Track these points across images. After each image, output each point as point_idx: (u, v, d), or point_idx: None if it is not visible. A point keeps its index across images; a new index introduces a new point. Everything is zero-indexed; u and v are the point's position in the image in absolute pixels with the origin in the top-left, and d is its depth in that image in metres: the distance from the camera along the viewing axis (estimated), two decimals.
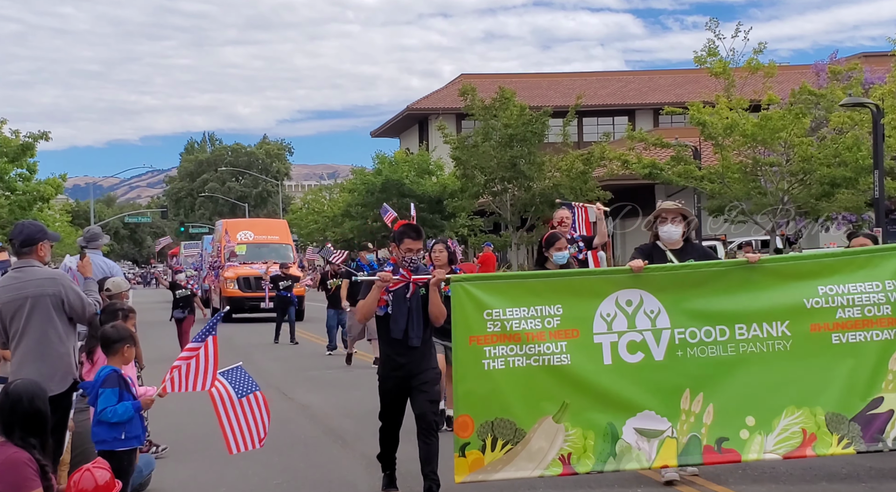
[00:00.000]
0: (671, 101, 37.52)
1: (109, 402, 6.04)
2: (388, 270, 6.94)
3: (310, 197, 67.36)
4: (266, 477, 8.02)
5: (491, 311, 6.72)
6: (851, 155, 24.65)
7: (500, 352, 6.68)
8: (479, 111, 34.93)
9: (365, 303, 6.92)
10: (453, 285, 6.66)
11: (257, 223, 37.84)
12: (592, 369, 6.81)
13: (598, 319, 6.89)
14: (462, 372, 6.70)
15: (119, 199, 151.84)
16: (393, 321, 6.86)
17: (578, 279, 7.15)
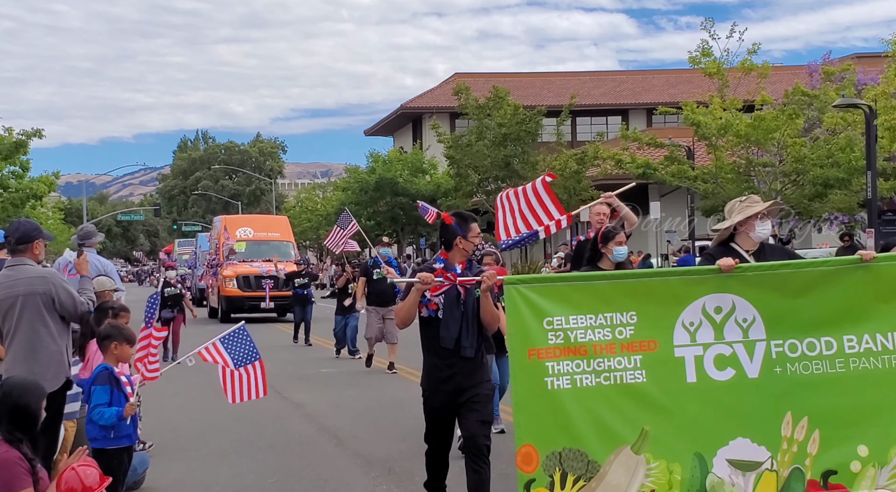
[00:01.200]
0: (665, 102, 37.60)
1: (100, 400, 6.06)
2: (439, 268, 6.05)
3: (303, 195, 67.31)
4: (261, 475, 8.03)
5: (552, 319, 5.66)
6: (844, 156, 24.74)
7: (564, 368, 5.61)
8: (473, 110, 34.96)
9: (403, 307, 6.04)
10: (507, 289, 5.62)
11: (257, 219, 36.11)
12: (673, 389, 5.76)
13: (680, 328, 5.83)
14: (522, 392, 5.59)
15: (112, 196, 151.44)
16: (444, 327, 6.01)
17: (657, 281, 5.98)
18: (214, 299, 29.76)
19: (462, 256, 6.12)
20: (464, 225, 6.13)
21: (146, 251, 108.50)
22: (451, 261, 6.12)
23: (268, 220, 36.48)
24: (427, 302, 6.01)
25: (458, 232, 6.11)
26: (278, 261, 26.31)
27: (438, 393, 6.12)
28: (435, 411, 6.20)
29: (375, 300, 14.98)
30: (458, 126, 44.20)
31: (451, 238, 6.11)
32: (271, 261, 27.66)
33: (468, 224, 6.14)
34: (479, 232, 6.13)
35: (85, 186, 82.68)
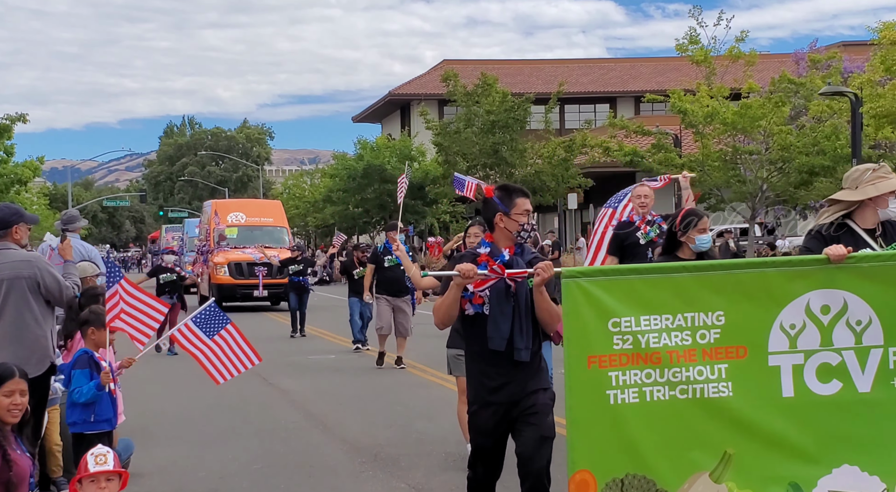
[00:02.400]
0: (652, 89, 37.62)
1: (79, 383, 6.07)
2: (484, 254, 4.98)
3: (291, 182, 67.13)
4: (246, 462, 8.03)
5: (619, 320, 4.68)
6: (830, 144, 24.83)
7: (632, 379, 4.68)
8: (462, 97, 34.92)
9: (442, 304, 4.97)
10: (565, 283, 4.68)
11: (249, 204, 34.67)
12: (766, 405, 4.79)
13: (777, 332, 4.81)
14: (578, 408, 4.66)
15: (97, 182, 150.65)
16: (493, 326, 4.93)
17: (750, 274, 4.87)
18: (205, 287, 28.58)
19: (508, 239, 5.01)
20: (507, 199, 5.01)
21: (132, 237, 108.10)
22: (497, 244, 5.03)
23: (260, 204, 34.82)
24: (471, 296, 4.93)
25: (499, 208, 5.00)
26: (264, 248, 24.89)
27: (488, 407, 5.01)
28: (484, 431, 5.05)
29: (386, 289, 13.92)
30: (447, 113, 44.15)
31: (490, 216, 5.05)
32: (269, 248, 26.25)
33: (513, 198, 5.01)
34: (527, 208, 5.00)
35: (70, 171, 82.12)
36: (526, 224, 5.01)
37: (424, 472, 7.51)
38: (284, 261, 20.54)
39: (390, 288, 13.83)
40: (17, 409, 4.97)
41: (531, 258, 5.03)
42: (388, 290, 13.86)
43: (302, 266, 19.62)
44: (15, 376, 5.01)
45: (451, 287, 4.89)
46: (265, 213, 30.96)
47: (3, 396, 4.94)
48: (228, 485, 7.26)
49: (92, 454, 4.37)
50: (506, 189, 5.10)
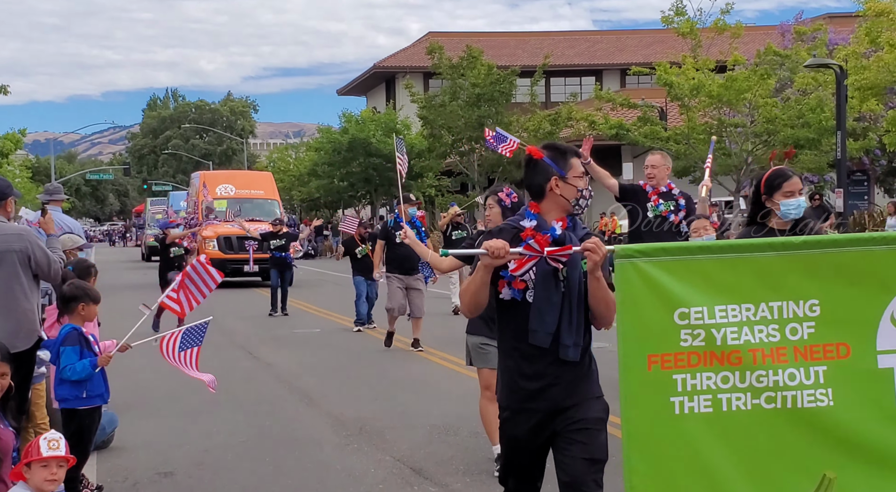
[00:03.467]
0: (638, 62, 37.51)
1: (70, 360, 6.02)
2: (529, 228, 4.02)
3: (275, 156, 66.78)
4: (231, 435, 8.03)
5: (688, 310, 3.83)
6: (815, 116, 24.87)
7: (704, 383, 3.83)
8: (447, 70, 34.76)
9: (468, 289, 4.03)
10: (620, 265, 3.84)
11: (239, 175, 33.28)
12: (876, 417, 3.92)
13: (888, 325, 3.95)
14: (637, 419, 3.81)
15: (80, 155, 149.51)
16: (537, 317, 3.97)
17: (853, 253, 3.94)
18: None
19: (561, 209, 4.04)
20: (560, 160, 4.07)
21: (116, 211, 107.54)
22: (546, 216, 4.05)
23: (250, 176, 33.79)
24: (510, 278, 3.99)
25: (553, 170, 4.04)
26: (244, 221, 23.75)
27: (524, 413, 4.05)
28: (518, 442, 4.11)
29: (398, 267, 12.90)
30: (432, 86, 43.94)
31: (541, 181, 4.07)
32: (253, 221, 25.45)
33: (567, 158, 4.08)
34: (583, 171, 4.11)
35: (52, 144, 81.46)
36: (585, 190, 4.06)
37: (409, 445, 7.53)
38: (265, 235, 19.32)
39: (402, 266, 12.80)
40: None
41: (584, 235, 4.03)
42: (400, 268, 12.84)
43: (284, 241, 18.51)
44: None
45: (479, 269, 3.93)
46: (255, 185, 30.06)
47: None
48: (213, 458, 7.26)
49: (45, 439, 4.31)
50: (556, 148, 4.16)
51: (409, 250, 12.42)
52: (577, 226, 4.12)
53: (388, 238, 13.02)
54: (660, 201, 8.44)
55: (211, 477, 6.73)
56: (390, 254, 12.96)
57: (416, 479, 6.59)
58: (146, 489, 6.46)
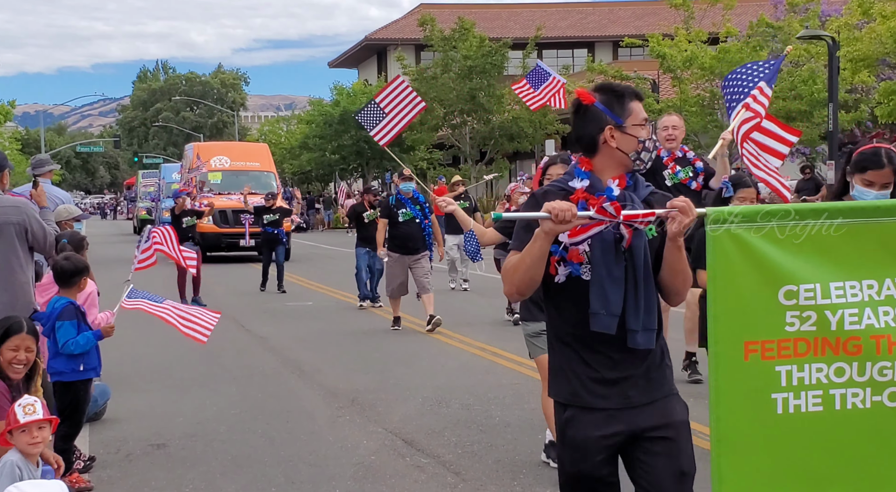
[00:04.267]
0: (631, 34, 37.37)
1: (69, 335, 6.03)
2: (580, 189, 3.31)
3: (266, 128, 66.49)
4: (223, 407, 8.07)
5: (796, 287, 3.21)
6: (807, 88, 24.85)
7: (814, 377, 3.23)
8: (439, 42, 34.63)
9: (520, 263, 3.24)
10: (713, 231, 3.19)
11: (234, 147, 32.40)
12: None
13: None
14: (730, 420, 3.21)
15: (70, 127, 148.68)
16: (598, 297, 3.26)
17: None
18: None
19: (618, 166, 3.33)
20: (616, 104, 3.33)
21: (106, 183, 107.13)
22: (600, 174, 3.33)
23: (246, 147, 32.87)
24: (563, 252, 3.27)
25: (608, 118, 3.31)
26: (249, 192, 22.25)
27: (589, 417, 3.32)
28: (582, 452, 3.34)
29: (400, 246, 12.22)
30: (424, 58, 43.73)
31: (593, 131, 3.33)
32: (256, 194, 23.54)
33: (625, 102, 3.33)
34: (645, 118, 3.35)
35: (42, 116, 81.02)
36: (648, 140, 3.33)
37: (401, 417, 7.57)
38: (257, 209, 18.35)
39: (405, 245, 12.21)
40: (21, 364, 4.99)
41: (649, 195, 3.35)
42: (402, 247, 12.22)
43: (277, 216, 17.61)
44: (23, 331, 5.05)
45: (536, 237, 3.17)
46: (251, 157, 29.09)
47: (9, 350, 4.96)
48: (206, 430, 7.29)
49: (20, 405, 4.36)
50: (612, 90, 3.38)
51: (414, 229, 12.19)
52: (639, 184, 3.37)
53: (390, 216, 12.36)
54: (678, 168, 7.71)
55: (203, 448, 6.77)
56: (392, 232, 12.38)
57: (408, 450, 6.64)
58: (139, 461, 6.50)
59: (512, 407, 7.83)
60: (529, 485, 5.82)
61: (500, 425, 7.25)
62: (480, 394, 8.31)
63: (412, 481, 5.93)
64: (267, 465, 6.32)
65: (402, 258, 12.23)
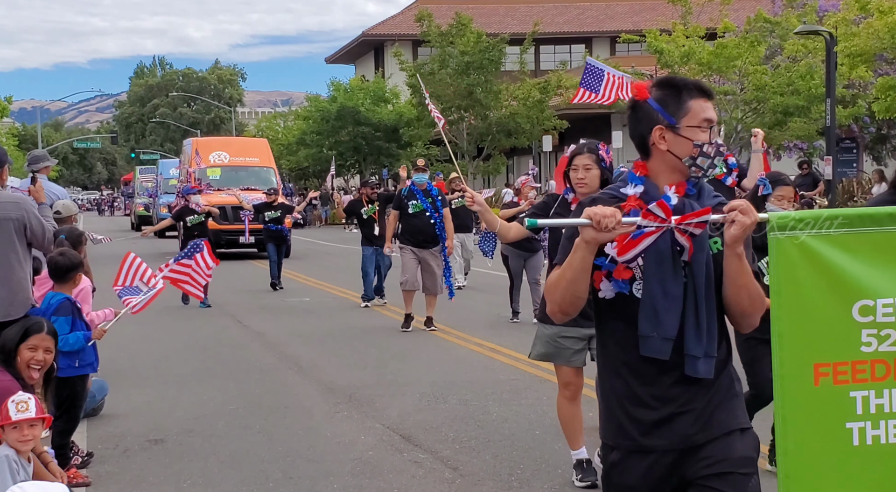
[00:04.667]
0: (628, 29, 37.36)
1: (62, 331, 6.02)
2: (633, 196, 2.98)
3: (263, 124, 66.45)
4: (221, 402, 8.06)
5: (873, 303, 2.88)
6: (804, 83, 24.87)
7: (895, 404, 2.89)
8: (436, 38, 34.59)
9: (562, 278, 2.91)
10: (775, 238, 2.86)
11: (233, 142, 31.65)
12: None
13: None
14: (797, 454, 2.88)
15: (67, 123, 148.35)
16: (649, 318, 2.90)
17: None
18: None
19: (675, 172, 2.95)
20: (673, 101, 2.94)
21: (104, 179, 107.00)
22: (656, 180, 2.98)
23: (245, 143, 32.13)
24: (610, 266, 2.91)
25: (660, 116, 2.94)
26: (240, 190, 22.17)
27: (639, 454, 2.95)
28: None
29: (410, 240, 11.85)
30: (421, 54, 43.68)
31: (643, 132, 2.99)
32: (250, 190, 23.67)
33: (682, 99, 2.94)
34: (708, 117, 2.93)
35: (39, 112, 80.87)
36: (708, 145, 2.92)
37: (399, 412, 7.58)
38: (258, 206, 17.92)
39: (416, 238, 11.74)
40: (39, 365, 4.97)
41: (716, 206, 2.92)
42: (414, 240, 11.76)
43: (280, 213, 17.26)
44: (43, 331, 5.03)
45: (577, 247, 2.84)
46: (250, 152, 28.44)
47: (27, 349, 4.94)
48: (203, 425, 7.29)
49: (13, 402, 4.34)
50: (671, 85, 2.97)
51: (424, 222, 11.69)
52: (703, 194, 2.97)
53: (401, 208, 11.86)
54: None
55: (201, 444, 6.77)
56: (403, 225, 11.93)
57: (406, 446, 6.64)
58: (136, 456, 6.49)
59: (509, 403, 7.83)
60: (527, 480, 5.82)
61: (498, 421, 7.25)
62: (478, 389, 8.31)
63: (410, 477, 5.93)
64: (264, 460, 6.33)
65: (416, 251, 11.81)
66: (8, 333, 5.01)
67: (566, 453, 6.32)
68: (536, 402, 7.85)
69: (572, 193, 5.51)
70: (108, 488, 5.83)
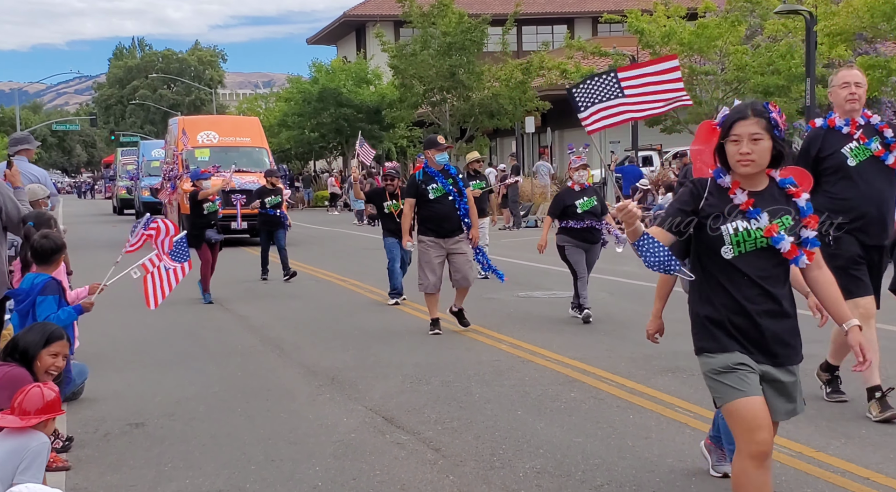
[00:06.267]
0: (610, 9, 37.32)
1: (51, 310, 6.03)
2: None
3: (245, 106, 66.05)
4: (203, 386, 8.05)
5: None
6: (785, 63, 24.94)
7: None
8: (418, 18, 34.40)
9: None
10: None
11: (223, 121, 29.64)
12: None
13: None
14: None
15: (46, 105, 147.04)
16: None
17: None
18: (175, 218, 23.24)
19: None
20: None
21: (83, 162, 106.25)
22: None
23: (235, 121, 30.27)
24: None
25: None
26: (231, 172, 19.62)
27: None
28: None
29: (434, 229, 10.20)
30: (403, 35, 43.47)
31: None
32: (242, 172, 22.26)
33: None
34: None
35: (17, 94, 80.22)
36: None
37: (381, 394, 7.58)
38: (260, 191, 16.50)
39: (441, 227, 10.16)
40: (56, 370, 5.05)
41: None
42: (439, 229, 10.18)
43: (278, 197, 16.15)
44: (63, 338, 5.12)
45: None
46: (241, 131, 26.60)
47: (49, 355, 5.02)
48: (185, 409, 7.27)
49: None
50: None
51: (448, 207, 10.13)
52: None
53: (418, 195, 10.27)
54: (869, 140, 5.99)
55: (182, 427, 6.76)
56: (424, 213, 10.25)
57: (388, 427, 6.65)
58: (117, 440, 6.47)
59: (492, 384, 7.85)
60: (509, 460, 5.85)
61: (481, 402, 7.27)
62: (460, 371, 8.33)
63: (392, 458, 5.94)
64: (246, 443, 6.32)
65: (440, 242, 10.18)
66: (30, 337, 5.07)
67: (548, 434, 6.37)
68: (518, 383, 7.87)
69: (727, 176, 3.97)
70: (88, 472, 5.81)
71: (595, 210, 10.90)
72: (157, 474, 5.74)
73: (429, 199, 10.17)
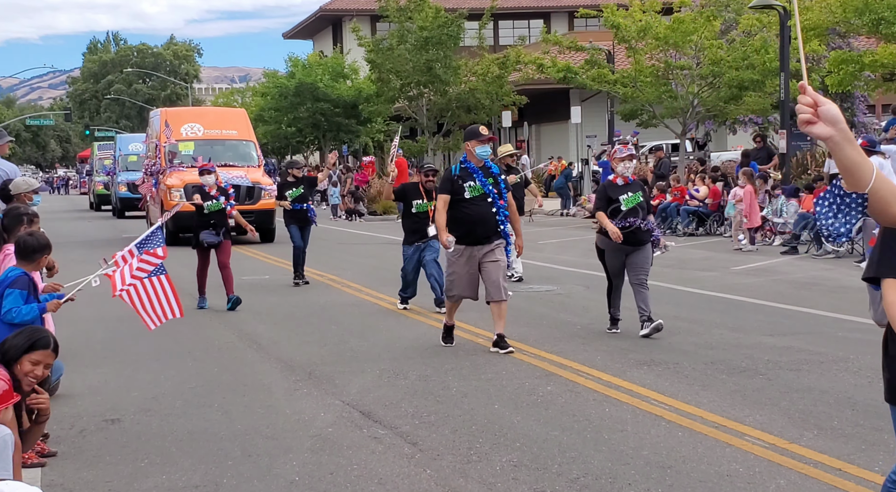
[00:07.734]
0: (586, 4, 37.38)
1: (16, 303, 5.99)
2: None
3: (221, 101, 65.70)
4: (179, 381, 8.02)
5: None
6: (759, 58, 25.07)
7: None
8: (394, 13, 34.35)
9: None
10: None
11: (208, 113, 28.21)
12: None
13: None
14: None
15: (19, 100, 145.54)
16: None
17: None
18: (156, 213, 22.45)
19: None
20: None
21: (58, 157, 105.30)
22: None
23: (221, 113, 28.79)
24: None
25: None
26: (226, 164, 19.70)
27: None
28: None
29: (466, 234, 8.89)
30: (380, 29, 43.40)
31: None
32: (228, 166, 21.40)
33: None
34: None
35: None
36: None
37: (359, 388, 7.59)
38: (281, 185, 14.93)
39: (472, 232, 8.87)
40: (36, 380, 4.93)
41: None
42: (471, 236, 8.88)
43: (303, 188, 14.25)
44: (49, 347, 4.99)
45: None
46: (227, 124, 25.00)
47: (30, 362, 4.89)
48: (161, 404, 7.25)
49: None
50: None
51: (485, 210, 8.86)
52: None
53: (454, 192, 8.93)
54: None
55: (159, 423, 6.74)
56: (455, 214, 8.91)
57: (365, 422, 6.66)
58: (93, 436, 6.45)
59: (469, 378, 7.88)
60: (486, 454, 5.88)
61: (457, 396, 7.29)
62: (437, 365, 8.35)
63: (369, 453, 5.96)
64: (223, 439, 6.31)
65: (473, 250, 8.89)
66: (14, 340, 4.98)
67: (524, 427, 6.40)
68: (495, 376, 7.91)
69: None
70: (63, 468, 5.79)
71: (641, 206, 9.32)
72: (134, 470, 5.73)
73: (463, 197, 8.87)
